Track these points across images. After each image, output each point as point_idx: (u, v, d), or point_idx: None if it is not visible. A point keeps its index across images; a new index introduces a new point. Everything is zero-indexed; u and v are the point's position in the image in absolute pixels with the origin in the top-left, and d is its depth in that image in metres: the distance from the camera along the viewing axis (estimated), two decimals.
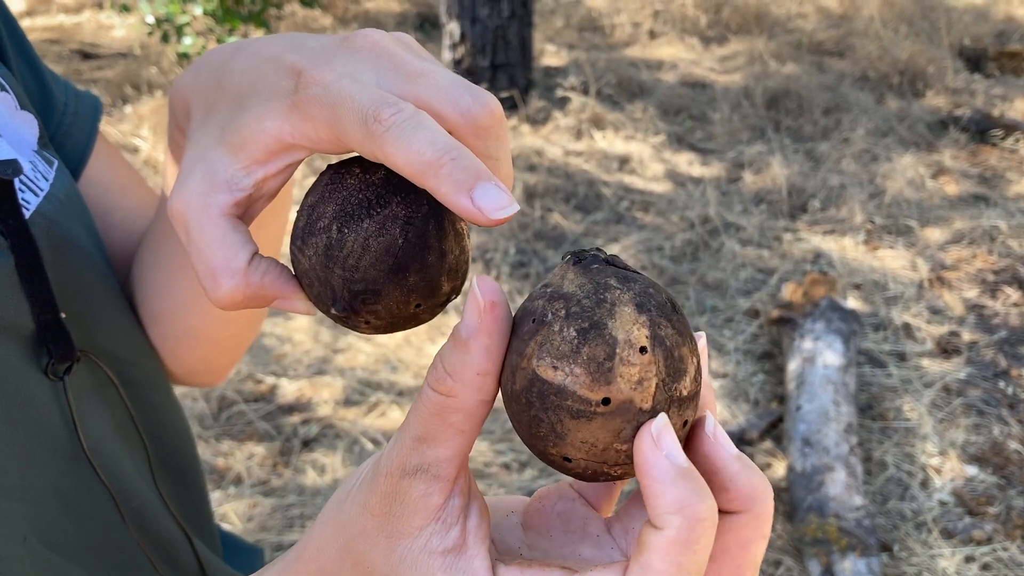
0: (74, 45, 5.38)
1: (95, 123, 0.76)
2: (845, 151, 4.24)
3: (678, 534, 0.35)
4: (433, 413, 0.39)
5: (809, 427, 2.56)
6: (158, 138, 4.22)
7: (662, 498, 0.35)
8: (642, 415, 0.37)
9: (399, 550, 0.40)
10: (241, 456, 2.63)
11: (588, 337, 0.37)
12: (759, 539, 0.39)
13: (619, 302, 0.38)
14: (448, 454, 0.40)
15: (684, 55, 5.35)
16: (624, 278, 0.39)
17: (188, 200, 0.46)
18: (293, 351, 3.04)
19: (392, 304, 0.44)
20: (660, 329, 0.38)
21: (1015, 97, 4.75)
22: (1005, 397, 2.87)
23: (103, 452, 0.64)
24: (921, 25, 5.38)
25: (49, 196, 0.63)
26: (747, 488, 0.38)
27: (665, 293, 0.40)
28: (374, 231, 0.43)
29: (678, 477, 0.35)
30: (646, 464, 0.36)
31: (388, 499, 0.40)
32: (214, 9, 4.51)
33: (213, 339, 0.76)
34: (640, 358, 0.37)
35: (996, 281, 3.41)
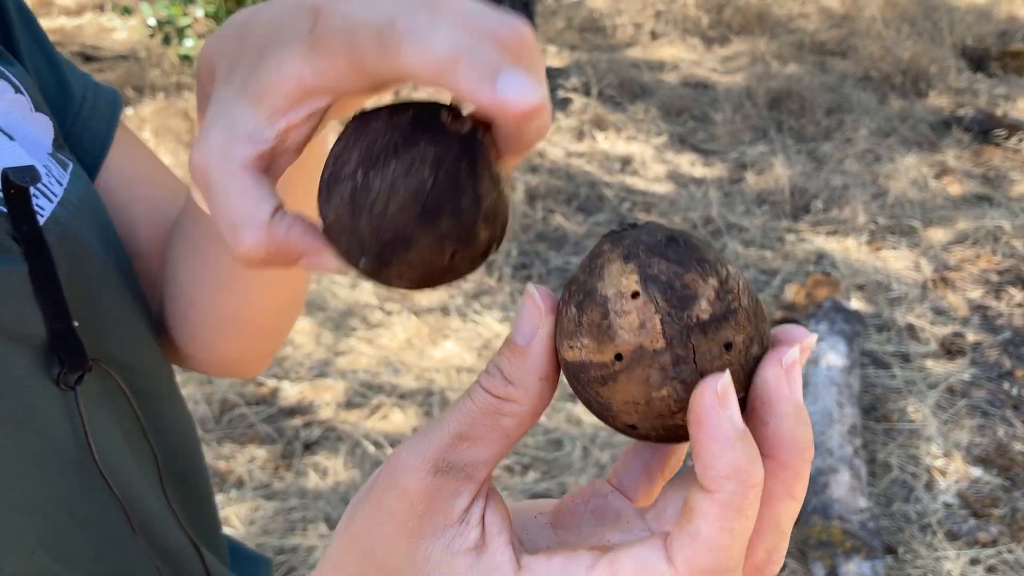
0: (75, 47, 5.38)
1: (115, 115, 0.75)
2: (848, 151, 4.23)
3: (731, 498, 0.34)
4: (486, 412, 0.38)
5: (813, 429, 2.55)
6: (160, 140, 4.22)
7: (718, 460, 0.34)
8: (660, 355, 0.36)
9: (423, 550, 0.38)
10: (243, 459, 2.63)
11: (584, 307, 0.38)
12: (786, 497, 0.37)
13: (607, 261, 0.38)
14: (487, 456, 0.38)
15: (686, 56, 5.35)
16: (617, 238, 0.38)
17: (208, 154, 0.44)
18: (294, 353, 3.03)
19: (425, 253, 0.41)
20: (651, 268, 0.37)
21: (1018, 97, 4.74)
22: (1009, 398, 2.86)
23: (113, 462, 0.64)
24: (923, 25, 5.37)
25: (63, 201, 0.62)
26: (788, 434, 0.36)
27: (664, 232, 0.38)
28: (401, 173, 0.40)
29: (736, 440, 0.34)
30: (706, 422, 0.34)
31: (411, 495, 0.38)
32: (215, 11, 4.51)
33: (252, 325, 0.75)
34: (634, 303, 0.36)
35: (1000, 282, 3.40)
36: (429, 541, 0.38)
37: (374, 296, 3.30)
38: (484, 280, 3.42)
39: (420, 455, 0.38)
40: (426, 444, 0.38)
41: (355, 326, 3.16)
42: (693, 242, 0.38)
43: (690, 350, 0.37)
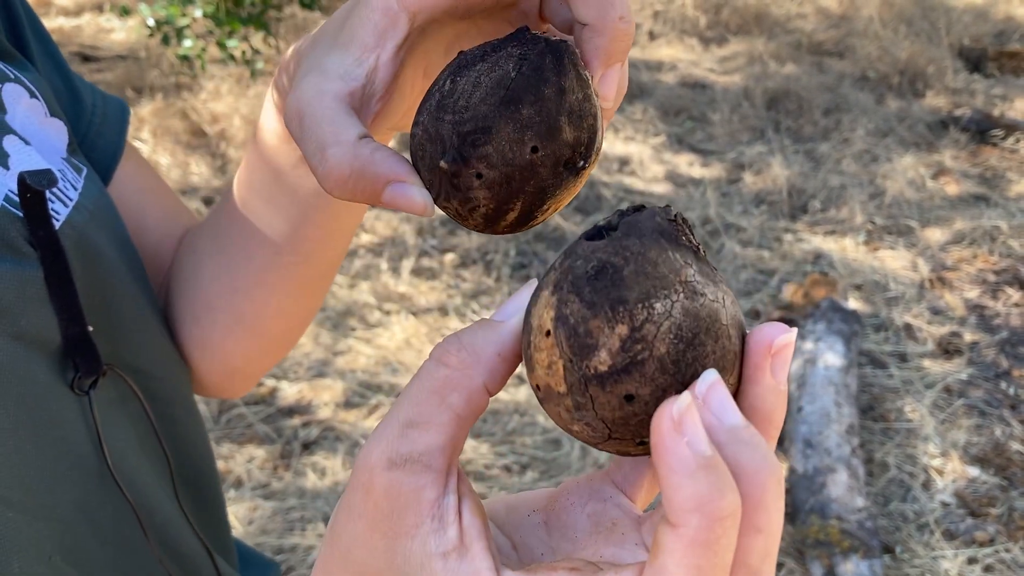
0: (74, 48, 5.38)
1: (124, 124, 0.76)
2: (845, 152, 4.24)
3: (697, 534, 0.31)
4: (432, 391, 0.37)
5: (811, 428, 2.56)
6: (159, 140, 4.21)
7: (679, 492, 0.31)
8: (564, 397, 0.36)
9: (400, 551, 0.37)
10: (241, 459, 2.63)
11: (524, 329, 0.38)
12: (750, 531, 0.33)
13: (544, 286, 0.37)
14: (441, 441, 0.37)
15: (684, 56, 5.35)
16: (567, 253, 0.37)
17: (302, 96, 0.45)
18: (293, 353, 3.04)
19: (505, 145, 0.40)
20: (565, 307, 0.35)
21: (1015, 97, 4.75)
22: (1007, 398, 2.86)
23: (127, 467, 0.64)
24: (921, 25, 5.38)
25: (78, 206, 0.62)
26: (729, 463, 0.33)
27: (596, 261, 0.36)
28: (486, 69, 0.40)
29: (698, 469, 0.31)
30: (662, 451, 0.32)
31: (375, 495, 0.37)
32: (214, 11, 4.51)
33: (265, 332, 0.75)
34: (545, 342, 0.36)
35: (997, 281, 3.41)
36: (405, 540, 0.37)
37: (372, 296, 3.31)
38: (482, 280, 3.42)
39: (374, 452, 0.37)
40: (378, 439, 0.37)
41: (354, 326, 3.17)
42: (625, 274, 0.35)
43: (588, 399, 0.36)
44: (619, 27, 0.43)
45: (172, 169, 4.04)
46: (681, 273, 0.36)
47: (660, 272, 0.35)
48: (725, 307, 0.37)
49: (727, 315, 0.37)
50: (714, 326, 0.36)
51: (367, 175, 0.43)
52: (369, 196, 0.43)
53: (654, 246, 0.36)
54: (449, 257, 3.55)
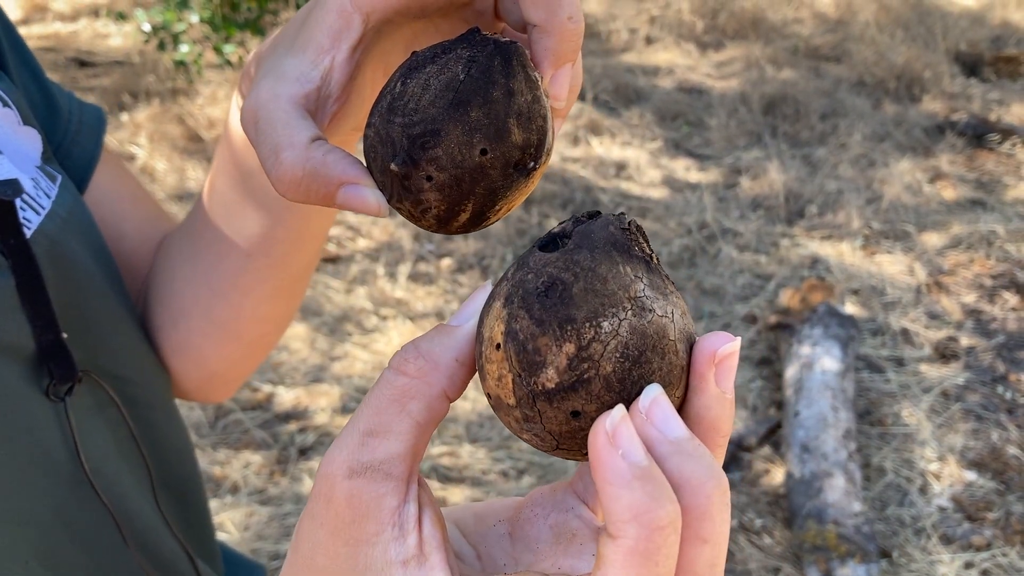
0: (70, 53, 5.37)
1: (100, 132, 0.76)
2: (842, 156, 4.24)
3: (636, 544, 0.31)
4: (391, 400, 0.37)
5: (807, 433, 2.56)
6: (155, 146, 4.21)
7: (616, 503, 0.32)
8: (513, 409, 0.37)
9: (362, 558, 0.37)
10: (238, 465, 2.62)
11: (476, 338, 0.39)
12: (694, 541, 0.33)
13: (496, 296, 0.38)
14: (400, 449, 0.37)
15: (681, 61, 5.36)
16: (519, 263, 0.38)
17: (258, 98, 0.45)
18: (290, 359, 3.03)
19: (454, 148, 0.40)
20: (515, 322, 0.36)
21: (1012, 101, 4.76)
22: (1003, 402, 2.86)
23: (105, 473, 0.64)
24: (917, 30, 5.39)
25: (51, 214, 0.62)
26: (673, 475, 0.33)
27: (547, 277, 0.36)
28: (435, 72, 0.41)
29: (634, 480, 0.32)
30: (597, 464, 0.33)
31: (337, 503, 0.37)
32: (210, 17, 4.51)
33: (241, 336, 0.75)
34: (496, 355, 0.36)
35: (994, 286, 3.41)
36: (366, 548, 0.37)
37: (369, 301, 3.30)
38: (479, 284, 3.42)
39: (335, 461, 0.37)
40: (339, 448, 0.37)
41: (350, 331, 3.16)
42: (574, 292, 0.36)
43: (536, 412, 0.36)
44: (568, 27, 0.43)
45: (169, 174, 4.04)
46: (630, 289, 0.36)
47: (609, 289, 0.36)
48: (673, 321, 0.37)
49: (675, 330, 0.37)
50: (661, 343, 0.36)
51: (319, 177, 0.43)
52: (323, 198, 0.43)
53: (605, 260, 0.37)
54: (446, 262, 3.55)
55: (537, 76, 0.43)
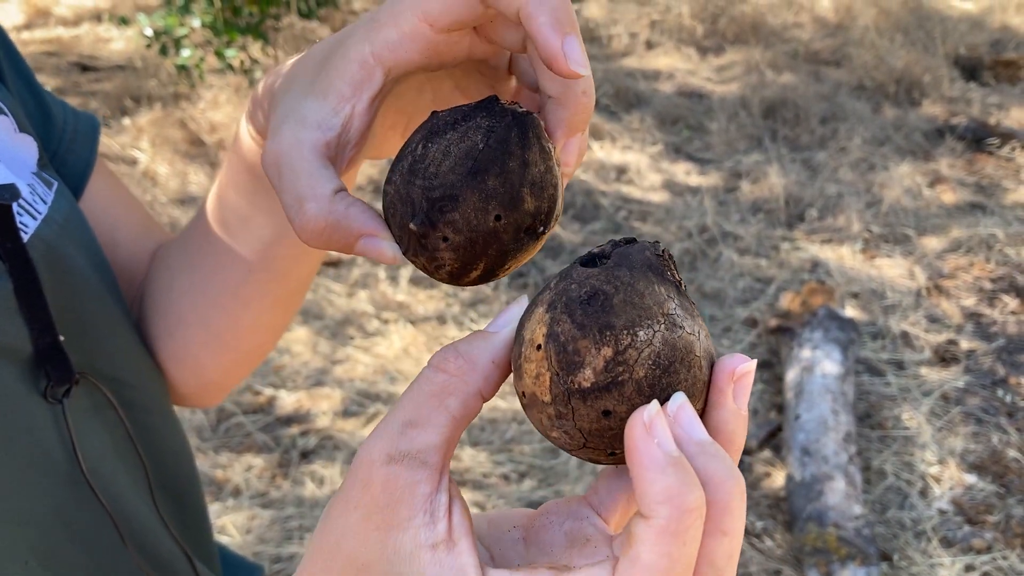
0: (72, 58, 5.39)
1: (95, 140, 0.77)
2: (842, 160, 4.25)
3: (667, 524, 0.35)
4: (431, 395, 0.39)
5: (808, 436, 2.56)
6: (157, 150, 4.22)
7: (651, 487, 0.35)
8: (547, 406, 0.40)
9: (391, 542, 0.39)
10: (240, 468, 2.63)
11: (516, 338, 0.41)
12: (715, 533, 0.37)
13: (538, 303, 0.41)
14: (437, 441, 0.39)
15: (681, 65, 5.37)
16: (562, 276, 0.41)
17: (280, 144, 0.47)
18: (292, 362, 3.04)
19: (470, 212, 0.43)
20: (557, 325, 0.39)
21: (1011, 106, 4.77)
22: (1003, 405, 2.87)
23: (102, 474, 0.64)
24: (916, 34, 5.40)
25: (47, 219, 0.63)
26: (698, 472, 0.36)
27: (589, 287, 0.40)
28: (456, 139, 0.44)
29: (668, 466, 0.35)
30: (635, 451, 0.36)
31: (373, 488, 0.39)
32: (212, 21, 4.52)
33: (238, 346, 0.76)
34: (536, 355, 0.39)
35: (994, 289, 3.41)
36: (397, 533, 0.39)
37: (371, 305, 3.31)
38: (480, 289, 3.42)
39: (374, 448, 0.39)
40: (378, 436, 0.39)
41: (352, 335, 3.17)
42: (614, 302, 0.39)
43: (570, 410, 0.39)
44: (581, 101, 0.46)
45: (171, 178, 4.05)
46: (664, 306, 0.40)
47: (646, 303, 0.39)
48: (700, 340, 0.40)
49: (701, 348, 0.40)
50: (688, 356, 0.40)
51: (341, 229, 0.46)
52: (343, 247, 0.46)
53: (642, 278, 0.40)
54: None
55: (550, 146, 0.46)
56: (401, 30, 0.46)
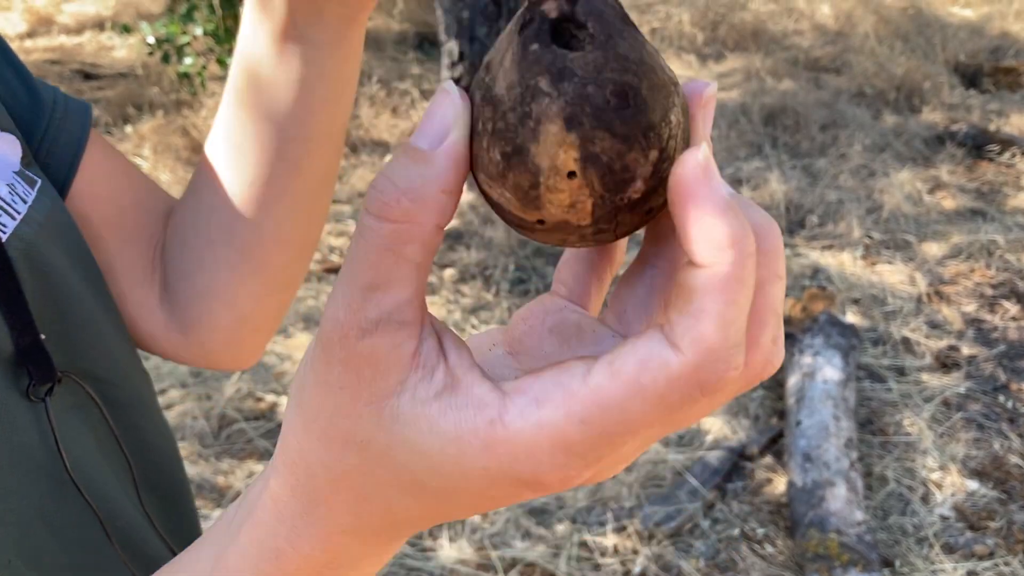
0: (75, 65, 5.41)
1: (87, 117, 0.77)
2: (842, 167, 4.26)
3: (733, 269, 0.31)
4: (384, 249, 0.33)
5: (809, 442, 2.56)
6: (159, 157, 4.23)
7: (716, 230, 0.31)
8: (584, 228, 0.34)
9: (387, 411, 0.35)
10: (241, 474, 2.63)
11: (512, 164, 0.33)
12: (774, 279, 0.34)
13: (545, 117, 0.32)
14: (408, 295, 0.34)
15: (681, 72, 5.38)
16: (560, 74, 0.32)
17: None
18: (293, 368, 3.04)
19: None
20: (593, 145, 0.32)
21: (1011, 112, 4.78)
22: (1005, 411, 2.87)
23: (87, 473, 0.64)
24: (916, 41, 5.42)
25: (27, 219, 0.64)
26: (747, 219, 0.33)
27: (614, 82, 0.32)
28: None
29: (728, 208, 0.31)
30: (696, 194, 0.31)
31: (352, 365, 0.35)
32: (214, 29, 4.54)
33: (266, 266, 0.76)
34: (568, 184, 0.33)
35: (994, 295, 3.42)
36: (391, 400, 0.35)
37: None
38: (481, 295, 3.43)
39: (343, 323, 0.35)
40: (342, 308, 0.35)
41: None
42: (644, 95, 0.33)
43: (614, 223, 0.35)
44: None
45: (173, 185, 4.06)
46: (666, 68, 0.34)
47: (661, 79, 0.33)
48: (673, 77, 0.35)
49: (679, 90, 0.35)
50: (687, 110, 0.35)
51: None
52: None
53: (634, 42, 0.33)
54: (448, 272, 3.56)
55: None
56: None
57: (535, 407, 0.33)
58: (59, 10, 6.10)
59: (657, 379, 0.32)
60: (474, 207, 3.95)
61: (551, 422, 0.33)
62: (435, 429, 0.34)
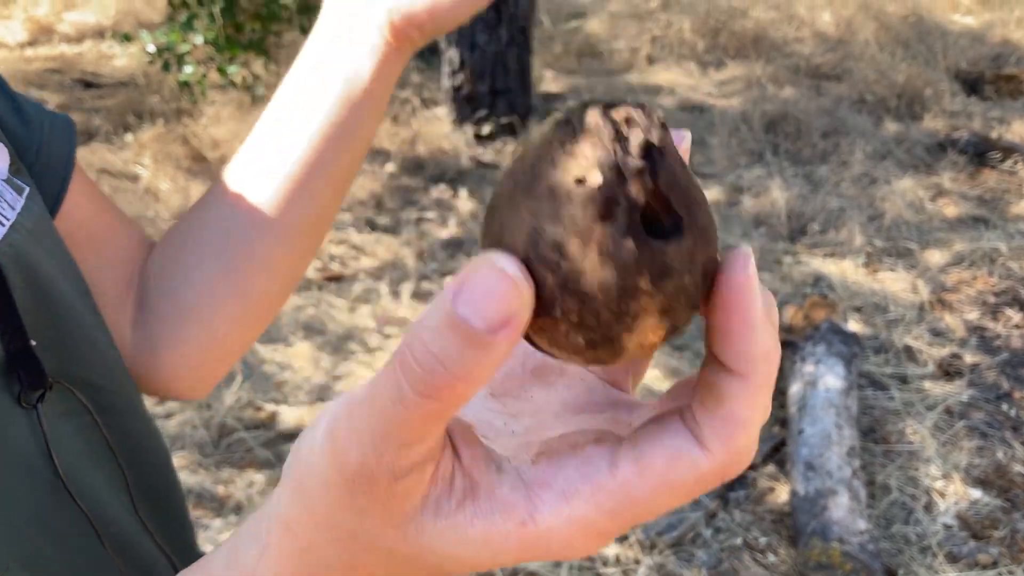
0: (76, 74, 5.41)
1: (72, 133, 0.78)
2: (844, 174, 4.25)
3: (764, 379, 0.33)
4: (428, 418, 0.32)
5: (811, 451, 2.55)
6: (159, 166, 4.23)
7: (753, 345, 0.32)
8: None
9: (412, 528, 0.35)
10: (242, 484, 2.62)
11: (596, 347, 0.32)
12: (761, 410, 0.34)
13: (643, 313, 0.31)
14: (439, 439, 0.34)
15: (682, 80, 5.38)
16: (660, 272, 0.30)
17: None
18: (293, 377, 3.03)
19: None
20: (677, 317, 0.32)
21: (1012, 119, 4.77)
22: (1008, 419, 2.86)
23: (80, 478, 0.65)
24: (917, 48, 5.42)
25: (16, 226, 0.64)
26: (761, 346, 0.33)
27: (702, 263, 0.31)
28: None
29: (765, 321, 0.32)
30: (740, 306, 0.32)
31: (379, 498, 0.34)
32: (215, 38, 4.54)
33: (248, 292, 0.78)
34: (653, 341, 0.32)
35: (997, 303, 3.41)
36: (417, 517, 0.35)
37: (373, 320, 3.31)
38: None
39: (372, 471, 0.34)
40: (374, 459, 0.33)
41: (354, 350, 3.17)
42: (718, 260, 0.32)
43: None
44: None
45: (172, 194, 4.06)
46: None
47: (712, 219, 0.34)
48: None
49: None
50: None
51: None
52: None
53: (700, 197, 0.33)
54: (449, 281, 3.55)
55: None
56: None
57: (564, 503, 0.33)
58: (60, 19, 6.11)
59: (686, 478, 0.33)
60: (474, 215, 3.95)
61: (582, 516, 0.33)
62: (465, 538, 0.34)
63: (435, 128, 4.46)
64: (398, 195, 4.16)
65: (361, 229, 3.89)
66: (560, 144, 0.30)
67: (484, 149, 4.48)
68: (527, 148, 0.32)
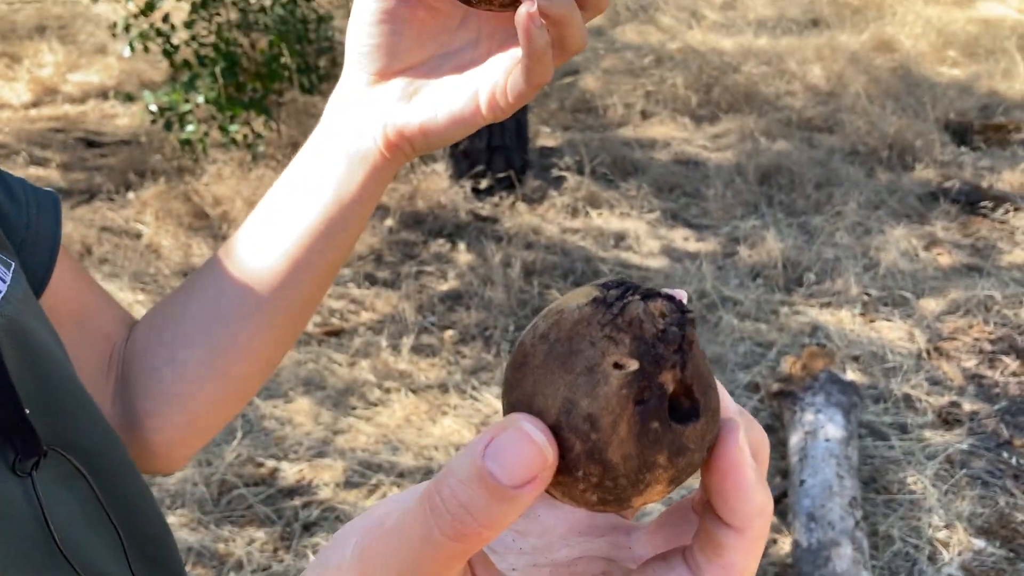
0: (79, 133, 5.48)
1: (58, 209, 0.80)
2: (838, 224, 4.30)
3: (758, 533, 0.36)
4: (452, 557, 0.33)
5: (813, 502, 2.55)
6: (160, 223, 4.27)
7: (748, 504, 0.35)
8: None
9: None
10: (242, 542, 2.60)
11: (609, 504, 0.35)
12: (756, 559, 0.37)
13: (656, 481, 0.35)
14: (459, 573, 0.36)
15: (676, 134, 5.46)
16: (677, 451, 0.34)
17: None
18: (293, 433, 3.03)
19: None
20: (683, 474, 0.36)
21: (1002, 168, 4.84)
22: (1009, 467, 2.85)
23: (76, 543, 0.65)
24: (907, 100, 5.50)
25: (7, 297, 0.65)
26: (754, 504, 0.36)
27: (711, 440, 0.36)
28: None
29: (758, 482, 0.36)
30: (734, 473, 0.35)
31: None
32: (216, 97, 4.61)
33: (229, 372, 0.80)
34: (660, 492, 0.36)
35: (994, 351, 3.42)
36: None
37: (372, 374, 3.31)
38: (482, 356, 3.43)
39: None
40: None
41: (354, 404, 3.17)
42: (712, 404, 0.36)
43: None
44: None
45: (174, 251, 4.09)
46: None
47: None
48: None
49: None
50: None
51: None
52: None
53: (711, 379, 0.37)
54: (449, 334, 3.57)
55: None
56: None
57: None
58: (64, 80, 6.20)
59: None
60: (473, 268, 3.98)
61: None
62: None
63: (433, 183, 4.51)
64: (397, 249, 4.20)
65: (361, 283, 3.91)
66: (600, 327, 0.34)
67: (482, 203, 4.52)
68: (562, 317, 0.35)
